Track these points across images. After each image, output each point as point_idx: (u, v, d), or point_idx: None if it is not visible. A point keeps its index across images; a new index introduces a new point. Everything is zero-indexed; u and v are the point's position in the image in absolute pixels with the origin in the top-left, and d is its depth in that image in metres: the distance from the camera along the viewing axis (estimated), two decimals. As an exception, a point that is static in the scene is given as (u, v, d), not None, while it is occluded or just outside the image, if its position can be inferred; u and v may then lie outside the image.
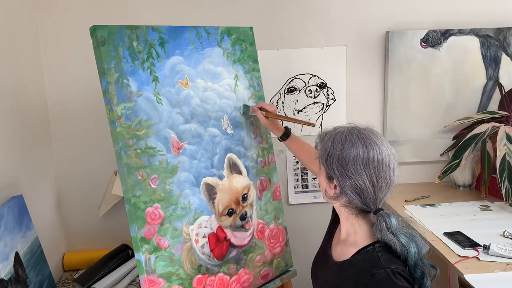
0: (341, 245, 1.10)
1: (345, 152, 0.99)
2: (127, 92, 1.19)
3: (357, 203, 1.01)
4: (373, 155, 0.97)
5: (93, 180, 1.92)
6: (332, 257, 1.12)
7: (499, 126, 1.78)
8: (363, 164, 0.97)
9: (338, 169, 0.99)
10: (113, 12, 1.83)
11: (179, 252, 1.25)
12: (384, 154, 0.98)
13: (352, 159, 0.98)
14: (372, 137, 1.00)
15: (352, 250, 1.04)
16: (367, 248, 1.01)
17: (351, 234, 1.07)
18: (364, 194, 0.99)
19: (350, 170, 0.98)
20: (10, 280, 1.27)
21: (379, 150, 0.98)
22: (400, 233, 0.97)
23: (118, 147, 1.16)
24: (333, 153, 1.00)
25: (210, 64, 1.41)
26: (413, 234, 0.98)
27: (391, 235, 0.96)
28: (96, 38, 1.16)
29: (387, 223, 0.97)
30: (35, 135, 1.73)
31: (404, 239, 0.96)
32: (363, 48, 1.98)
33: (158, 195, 1.22)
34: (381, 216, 0.99)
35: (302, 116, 2.01)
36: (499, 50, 1.98)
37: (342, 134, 1.02)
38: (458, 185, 2.02)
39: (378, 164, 0.97)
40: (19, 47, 1.64)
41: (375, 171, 0.97)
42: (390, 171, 0.99)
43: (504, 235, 1.47)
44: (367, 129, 1.04)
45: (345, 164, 0.98)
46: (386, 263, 0.95)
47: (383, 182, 0.98)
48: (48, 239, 1.74)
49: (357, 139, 1.00)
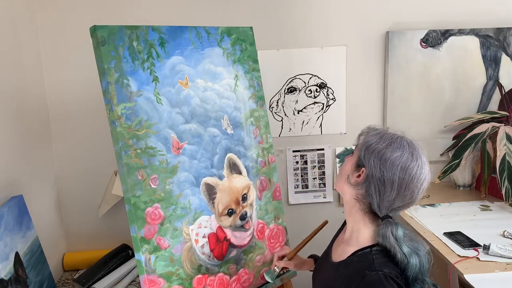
0: (343, 245, 1.10)
1: (390, 150, 0.98)
2: (127, 92, 1.19)
3: (372, 201, 1.00)
4: (413, 166, 0.97)
5: (93, 180, 1.92)
6: (331, 257, 1.12)
7: (499, 126, 1.78)
8: (402, 167, 0.96)
9: (374, 160, 0.98)
10: (113, 12, 1.83)
11: (179, 252, 1.25)
12: (423, 171, 0.98)
13: (394, 158, 0.97)
14: (420, 151, 0.99)
15: (351, 250, 1.04)
16: (364, 250, 1.01)
17: (354, 232, 1.06)
18: (384, 194, 0.98)
19: (387, 165, 0.97)
20: (10, 280, 1.27)
21: (421, 166, 0.97)
22: (404, 243, 0.96)
23: (118, 147, 1.16)
24: (376, 146, 1.00)
25: (210, 64, 1.41)
26: (418, 248, 0.96)
27: (394, 241, 0.95)
28: (96, 38, 1.16)
29: (392, 231, 0.96)
30: (35, 135, 1.73)
31: (406, 249, 0.94)
32: (363, 48, 1.98)
33: (158, 195, 1.22)
34: (388, 222, 0.98)
35: (302, 116, 2.01)
36: (499, 50, 1.98)
37: (392, 136, 1.02)
38: (458, 185, 2.02)
39: (414, 176, 0.96)
40: (19, 47, 1.64)
41: (408, 179, 0.96)
42: (420, 188, 0.98)
43: (504, 235, 1.48)
44: (418, 143, 1.02)
45: (385, 159, 0.97)
46: (379, 266, 0.94)
47: (408, 193, 0.97)
48: (48, 239, 1.74)
49: (406, 145, 0.99)
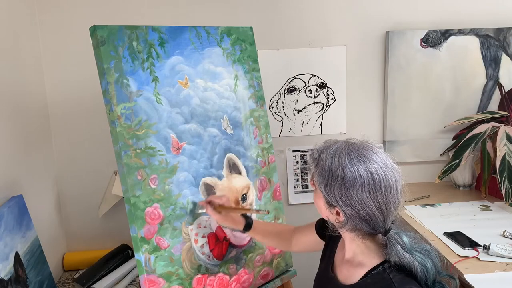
0: (346, 265, 1.03)
1: (347, 179, 0.89)
2: (127, 92, 1.19)
3: (364, 229, 0.93)
4: (379, 181, 0.88)
5: (93, 180, 1.92)
6: (338, 279, 1.04)
7: (499, 126, 1.78)
8: (370, 192, 0.88)
9: (341, 198, 0.90)
10: (113, 12, 1.83)
11: (178, 252, 1.25)
12: (389, 176, 0.90)
13: (357, 188, 0.88)
14: (373, 158, 0.90)
15: (360, 272, 0.97)
16: (376, 269, 0.94)
17: (358, 254, 0.99)
18: (372, 221, 0.91)
19: (356, 200, 0.89)
20: (10, 280, 1.27)
21: (384, 174, 0.89)
22: (415, 250, 0.91)
23: (118, 147, 1.16)
24: (333, 180, 0.91)
25: (210, 64, 1.41)
26: (427, 249, 0.92)
27: (408, 255, 0.90)
28: (96, 38, 1.16)
29: (401, 244, 0.90)
30: (35, 135, 1.73)
31: (419, 257, 0.90)
32: (363, 48, 1.98)
33: (158, 195, 1.22)
34: (392, 237, 0.91)
35: (302, 116, 2.01)
36: (499, 50, 1.98)
37: (340, 156, 0.91)
38: (458, 185, 2.02)
39: (386, 190, 0.89)
40: (19, 47, 1.64)
41: (383, 198, 0.89)
42: (397, 194, 0.91)
43: (504, 235, 1.47)
44: (365, 146, 0.93)
45: (349, 193, 0.89)
46: (399, 284, 0.89)
47: (392, 207, 0.91)
48: (48, 239, 1.74)
49: (358, 162, 0.90)
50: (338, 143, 0.95)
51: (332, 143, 0.97)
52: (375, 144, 0.96)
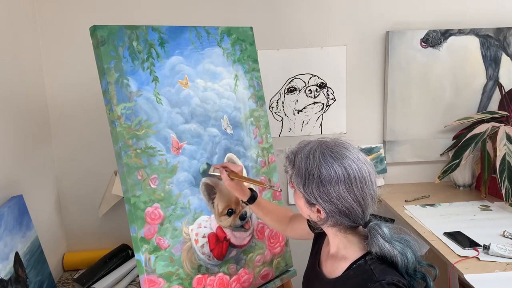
0: (331, 260, 1.06)
1: (323, 177, 0.93)
2: (127, 92, 1.19)
3: (345, 223, 0.97)
4: (354, 175, 0.93)
5: (93, 180, 1.92)
6: (323, 273, 1.07)
7: (499, 126, 1.78)
8: (346, 187, 0.92)
9: (320, 196, 0.94)
10: (113, 12, 1.83)
11: (179, 252, 1.25)
12: (363, 170, 0.94)
13: (333, 184, 0.92)
14: (345, 154, 0.95)
15: (343, 265, 1.00)
16: (358, 261, 0.97)
17: (341, 248, 1.02)
18: (352, 214, 0.95)
19: (333, 195, 0.93)
20: (10, 280, 1.27)
21: (357, 168, 0.93)
22: (395, 240, 0.94)
23: (118, 147, 1.16)
24: (310, 179, 0.95)
25: (210, 64, 1.41)
26: (406, 239, 0.96)
27: (389, 245, 0.93)
28: (96, 38, 1.16)
29: (381, 234, 0.94)
30: (35, 135, 1.73)
31: (399, 246, 0.93)
32: (363, 48, 1.98)
33: (158, 195, 1.22)
34: (373, 228, 0.95)
35: (302, 116, 2.01)
36: (499, 50, 1.98)
37: (314, 156, 0.95)
38: (458, 185, 2.02)
39: (361, 183, 0.93)
40: (19, 48, 1.64)
41: (360, 191, 0.93)
42: (373, 186, 0.95)
43: (504, 235, 1.47)
44: (337, 143, 0.97)
45: (327, 190, 0.93)
46: (380, 275, 0.91)
47: (369, 198, 0.95)
48: (48, 239, 1.74)
49: (331, 159, 0.94)
50: (311, 143, 0.99)
51: (305, 144, 1.00)
52: (346, 140, 1.00)
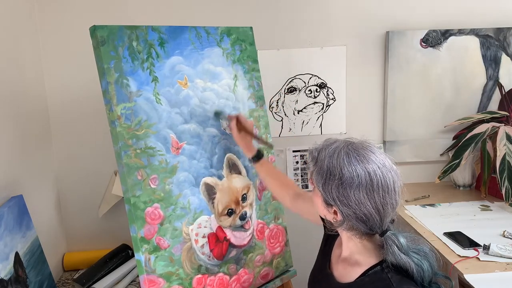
0: (343, 263, 1.02)
1: (344, 179, 0.89)
2: (127, 92, 1.19)
3: (361, 229, 0.93)
4: (376, 182, 0.88)
5: (93, 180, 1.92)
6: (334, 277, 1.03)
7: (499, 126, 1.77)
8: (367, 192, 0.88)
9: (338, 198, 0.90)
10: (113, 12, 1.83)
11: (179, 252, 1.25)
12: (387, 177, 0.89)
13: (354, 188, 0.88)
14: (371, 158, 0.90)
15: (357, 271, 0.96)
16: (374, 268, 0.94)
17: (354, 253, 0.99)
18: (369, 221, 0.90)
19: (353, 199, 0.89)
20: (10, 280, 1.27)
21: (382, 174, 0.89)
22: (411, 251, 0.90)
23: (118, 147, 1.16)
24: (330, 179, 0.91)
25: (210, 64, 1.41)
26: (423, 250, 0.92)
27: (405, 256, 0.89)
28: (96, 38, 1.16)
29: (397, 245, 0.90)
30: (35, 135, 1.73)
31: (416, 258, 0.89)
32: (363, 48, 1.98)
33: (158, 195, 1.22)
34: (389, 238, 0.91)
35: (302, 116, 2.01)
36: (499, 50, 1.98)
37: (338, 156, 0.91)
38: (458, 185, 2.02)
39: (383, 191, 0.88)
40: (19, 48, 1.64)
41: (381, 199, 0.88)
42: (395, 195, 0.91)
43: (504, 235, 1.47)
44: (364, 146, 0.93)
45: (346, 193, 0.89)
46: (398, 284, 0.89)
47: (389, 207, 0.90)
48: (48, 239, 1.74)
49: (356, 162, 0.89)
50: (337, 142, 0.95)
51: (331, 142, 0.96)
52: (375, 144, 0.96)
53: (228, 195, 1.40)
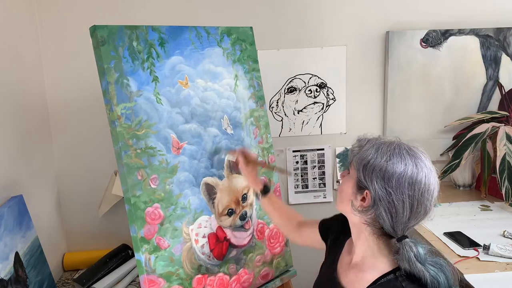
0: (354, 270, 0.99)
1: (391, 165, 0.89)
2: (127, 92, 1.19)
3: (384, 224, 0.91)
4: (421, 177, 0.88)
5: (93, 180, 1.92)
6: (342, 285, 1.00)
7: (499, 126, 1.78)
8: (409, 183, 0.88)
9: (378, 181, 0.89)
10: (113, 12, 1.83)
11: (179, 252, 1.25)
12: (431, 180, 0.90)
13: (398, 174, 0.88)
14: (422, 158, 0.91)
15: (369, 277, 0.94)
16: (387, 276, 0.91)
17: (368, 257, 0.96)
18: (397, 216, 0.89)
19: (393, 185, 0.88)
20: (10, 280, 1.27)
21: (428, 175, 0.89)
22: (428, 263, 0.88)
23: (118, 147, 1.16)
24: (375, 162, 0.90)
25: (210, 64, 1.41)
26: (441, 263, 0.89)
27: (420, 266, 0.87)
28: (96, 38, 1.16)
29: (415, 253, 0.88)
30: (35, 135, 1.73)
31: (432, 270, 0.87)
32: (363, 48, 1.98)
33: (158, 195, 1.22)
34: (407, 245, 0.89)
35: (302, 116, 2.01)
36: (499, 50, 1.98)
37: (389, 145, 0.92)
38: (458, 185, 2.02)
39: (424, 188, 0.88)
40: (19, 47, 1.64)
41: (419, 194, 0.88)
42: (432, 200, 0.90)
43: (504, 235, 1.48)
44: (416, 147, 0.93)
45: (388, 177, 0.88)
46: None
47: (422, 209, 0.89)
48: (48, 239, 1.74)
49: (407, 155, 0.90)
50: (389, 139, 0.96)
51: (381, 136, 0.98)
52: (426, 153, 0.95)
53: (228, 195, 1.40)
